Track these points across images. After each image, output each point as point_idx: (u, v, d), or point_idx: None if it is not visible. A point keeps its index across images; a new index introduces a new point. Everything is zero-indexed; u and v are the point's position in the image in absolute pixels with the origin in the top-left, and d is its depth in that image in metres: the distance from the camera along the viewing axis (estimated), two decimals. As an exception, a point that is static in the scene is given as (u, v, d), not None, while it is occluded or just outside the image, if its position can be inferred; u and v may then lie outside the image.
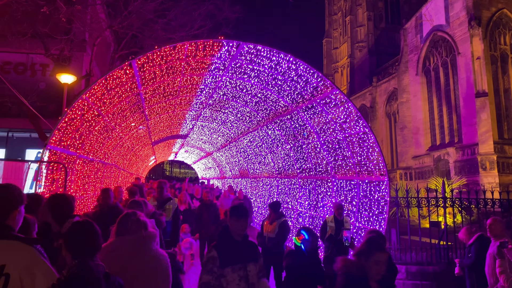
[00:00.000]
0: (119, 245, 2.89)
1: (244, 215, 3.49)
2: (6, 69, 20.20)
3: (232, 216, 3.51)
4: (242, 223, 3.47)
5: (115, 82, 8.18)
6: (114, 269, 2.46)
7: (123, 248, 2.88)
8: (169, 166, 62.52)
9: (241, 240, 3.50)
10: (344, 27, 62.82)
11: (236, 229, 3.47)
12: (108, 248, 2.80)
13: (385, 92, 46.13)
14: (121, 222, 3.00)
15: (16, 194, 2.22)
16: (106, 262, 2.43)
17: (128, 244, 2.91)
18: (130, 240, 2.93)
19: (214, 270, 3.28)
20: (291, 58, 8.17)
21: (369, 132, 8.30)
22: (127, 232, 2.93)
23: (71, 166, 8.79)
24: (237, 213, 3.51)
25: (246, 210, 3.57)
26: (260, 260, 3.54)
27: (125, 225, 2.96)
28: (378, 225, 8.24)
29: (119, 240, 2.94)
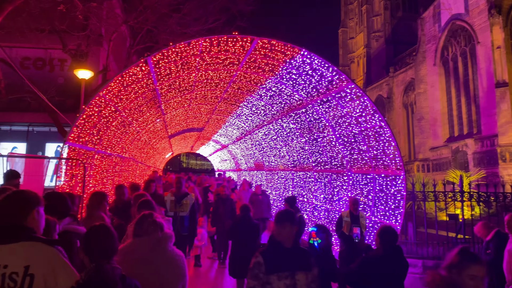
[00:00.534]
0: (136, 247, 2.96)
1: (287, 220, 3.30)
2: (25, 64, 20.58)
3: (276, 222, 3.34)
4: (286, 228, 3.27)
5: (131, 79, 8.29)
6: (131, 270, 2.53)
7: (140, 250, 2.95)
8: (185, 158, 62.99)
9: (291, 247, 3.29)
10: (360, 17, 61.93)
11: (281, 235, 3.28)
12: (125, 250, 2.87)
13: (402, 83, 45.46)
14: (138, 224, 3.07)
15: (31, 196, 2.29)
16: (123, 264, 2.51)
17: (144, 246, 2.97)
18: (146, 241, 2.99)
19: (259, 276, 3.15)
20: (306, 53, 8.12)
21: (385, 126, 8.22)
22: (144, 234, 3.00)
23: (90, 161, 8.97)
24: (280, 218, 3.33)
25: (292, 215, 3.39)
26: (314, 270, 3.30)
27: (142, 226, 3.03)
28: (394, 219, 8.20)
29: (136, 242, 3.01)
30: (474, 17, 31.23)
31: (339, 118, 9.61)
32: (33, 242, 2.14)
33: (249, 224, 6.68)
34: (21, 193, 2.29)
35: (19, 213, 2.19)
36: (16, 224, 2.16)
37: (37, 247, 2.13)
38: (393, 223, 8.18)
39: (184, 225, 6.95)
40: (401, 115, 45.96)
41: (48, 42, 16.04)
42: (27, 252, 2.10)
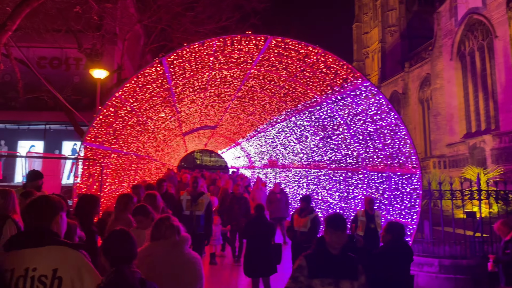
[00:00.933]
0: (154, 250, 3.01)
1: (342, 227, 3.19)
2: (42, 64, 20.94)
3: (329, 228, 3.19)
4: (339, 235, 3.15)
5: (146, 79, 8.37)
6: (149, 273, 2.57)
7: (157, 253, 2.99)
8: (199, 155, 63.33)
9: (338, 254, 3.17)
10: (374, 11, 61.22)
11: (332, 242, 3.16)
12: (143, 253, 2.91)
13: (417, 78, 44.86)
14: (156, 227, 3.11)
15: (56, 201, 2.35)
16: (141, 267, 2.55)
17: (162, 249, 3.01)
18: (164, 245, 3.03)
19: (300, 279, 3.07)
20: (320, 51, 8.07)
21: (401, 124, 8.14)
22: (162, 237, 3.04)
23: (106, 160, 9.09)
24: (334, 224, 3.19)
25: (344, 221, 3.29)
26: (361, 279, 3.14)
27: (160, 230, 3.07)
28: (410, 218, 8.13)
29: (153, 245, 3.05)
30: (492, 10, 30.59)
31: (354, 116, 9.55)
32: (60, 246, 2.20)
33: (263, 224, 6.69)
34: (46, 198, 2.35)
35: (45, 217, 2.25)
36: (43, 228, 2.21)
37: (64, 251, 2.20)
38: (409, 222, 8.12)
39: (200, 224, 7.00)
40: (417, 111, 45.37)
41: (64, 41, 16.27)
42: (54, 255, 2.16)
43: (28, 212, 2.28)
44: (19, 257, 2.13)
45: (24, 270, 2.09)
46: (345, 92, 9.01)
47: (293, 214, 7.44)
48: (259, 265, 6.48)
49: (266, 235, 6.64)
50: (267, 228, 6.71)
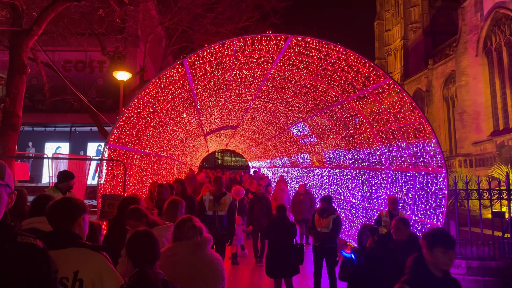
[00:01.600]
0: (176, 251, 3.02)
1: (453, 245, 2.78)
2: (67, 67, 21.46)
3: (437, 246, 2.74)
4: (449, 256, 2.75)
5: (168, 81, 8.45)
6: (172, 273, 2.57)
7: (180, 254, 3.00)
8: (220, 155, 63.66)
9: (442, 277, 2.77)
10: (396, 8, 60.18)
11: (439, 263, 2.74)
12: (166, 253, 2.93)
13: (442, 75, 43.84)
14: (178, 228, 3.12)
15: (78, 204, 2.37)
16: (164, 267, 2.56)
17: (184, 250, 3.02)
18: (186, 245, 3.04)
19: None
20: (341, 49, 7.99)
21: (425, 122, 7.98)
22: (184, 238, 3.05)
23: (130, 161, 9.22)
24: (445, 242, 2.76)
25: (451, 241, 2.83)
26: None
27: (182, 230, 3.08)
28: (435, 218, 7.95)
29: (176, 246, 3.07)
30: (520, 4, 29.67)
31: (376, 114, 9.41)
32: (81, 248, 2.22)
33: (285, 225, 6.66)
34: (68, 201, 2.37)
35: (67, 219, 2.27)
36: (65, 230, 2.24)
37: (85, 253, 2.21)
38: (434, 222, 7.94)
39: (223, 224, 7.01)
40: (441, 109, 44.37)
41: (88, 45, 16.63)
42: (75, 257, 2.17)
43: (50, 215, 2.30)
44: None
45: None
46: (367, 90, 8.89)
47: (314, 215, 7.38)
48: (281, 266, 6.45)
49: (288, 235, 6.60)
50: (289, 229, 6.67)
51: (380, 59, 61.80)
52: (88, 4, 9.44)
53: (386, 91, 8.50)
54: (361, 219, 10.60)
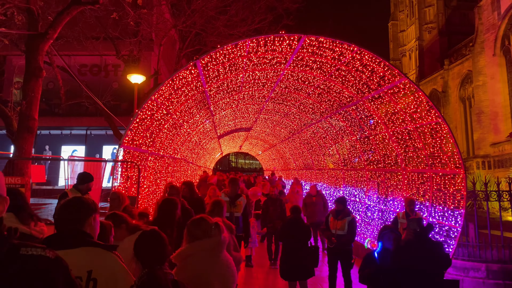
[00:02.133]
0: (197, 249, 2.95)
1: None
2: (82, 71, 21.78)
3: None
4: None
5: (181, 82, 8.46)
6: (191, 272, 2.52)
7: (201, 253, 2.93)
8: (234, 157, 63.82)
9: None
10: (411, 8, 59.58)
11: None
12: (185, 253, 2.87)
13: (458, 75, 43.18)
14: (198, 226, 3.06)
15: (90, 203, 2.36)
16: (182, 267, 2.51)
17: (207, 248, 2.96)
18: (209, 243, 2.97)
19: None
20: (355, 48, 7.88)
21: (442, 122, 7.81)
22: (206, 236, 2.96)
23: (144, 163, 9.24)
24: None
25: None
26: None
27: (203, 228, 3.00)
28: (454, 220, 7.77)
29: (196, 245, 2.97)
30: (539, 1, 29.05)
31: (392, 114, 9.27)
32: (94, 248, 2.20)
33: (299, 227, 6.58)
34: (79, 200, 2.36)
35: (77, 218, 2.26)
36: (76, 229, 2.23)
37: (97, 252, 2.19)
38: (453, 224, 7.77)
39: (239, 225, 7.00)
40: (458, 110, 43.68)
41: (103, 49, 16.82)
42: (88, 257, 2.16)
43: (62, 214, 2.29)
44: None
45: None
46: (383, 90, 8.75)
47: (328, 216, 7.29)
48: (296, 268, 6.37)
49: (303, 237, 6.52)
50: (303, 231, 6.59)
51: (395, 60, 61.21)
52: (102, 8, 9.54)
53: (402, 90, 8.35)
54: (377, 222, 10.43)
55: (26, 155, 8.45)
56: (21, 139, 8.41)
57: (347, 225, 6.79)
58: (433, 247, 4.50)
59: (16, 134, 8.64)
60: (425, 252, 4.35)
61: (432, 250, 4.43)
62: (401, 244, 4.46)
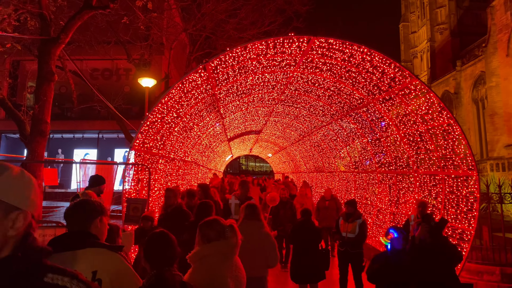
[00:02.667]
0: (213, 251, 2.89)
1: None
2: (94, 75, 22.01)
3: None
4: None
5: (191, 85, 8.49)
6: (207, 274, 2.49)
7: (217, 255, 2.89)
8: (244, 160, 63.85)
9: None
10: (422, 9, 59.10)
11: None
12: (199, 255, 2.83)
13: (471, 77, 42.65)
14: (211, 227, 3.02)
15: (95, 205, 2.37)
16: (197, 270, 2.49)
17: (223, 250, 2.93)
18: (225, 245, 2.93)
19: None
20: (365, 50, 7.84)
21: (454, 124, 7.72)
22: (222, 237, 2.92)
23: (154, 165, 9.29)
24: None
25: None
26: None
27: (217, 229, 2.95)
28: (467, 223, 7.65)
29: (211, 246, 2.91)
30: (553, 1, 28.57)
31: (403, 116, 9.18)
32: (99, 249, 2.20)
33: (310, 229, 6.54)
34: (87, 202, 2.37)
35: (83, 220, 2.27)
36: (83, 231, 2.24)
37: (102, 254, 2.20)
38: (466, 227, 7.65)
39: None
40: (471, 111, 43.12)
41: (114, 53, 16.99)
42: (93, 258, 2.16)
43: (69, 215, 2.30)
44: (60, 260, 2.15)
45: None
46: (393, 92, 8.68)
47: (338, 219, 7.25)
48: (306, 271, 6.32)
49: (313, 240, 6.48)
50: (314, 233, 6.55)
51: (406, 62, 60.74)
52: (113, 12, 9.66)
53: (413, 92, 8.27)
54: (389, 225, 10.32)
55: (38, 159, 8.55)
56: (34, 143, 8.51)
57: (357, 228, 6.74)
58: (446, 241, 4.43)
59: (29, 138, 8.75)
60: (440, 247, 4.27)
61: (446, 245, 4.34)
62: (416, 241, 4.38)
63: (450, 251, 4.21)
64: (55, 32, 9.25)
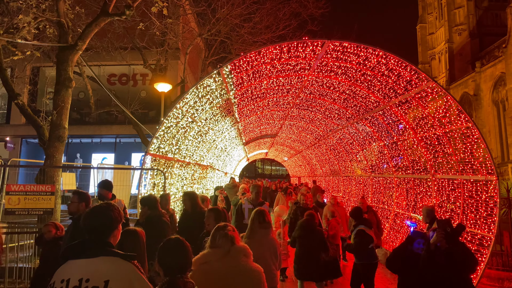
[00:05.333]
0: (209, 258, 2.99)
1: None
2: (111, 80, 22.34)
3: None
4: None
5: (205, 90, 8.54)
6: (203, 281, 2.52)
7: (211, 261, 2.97)
8: (261, 164, 63.87)
9: None
10: (440, 10, 58.33)
11: None
12: (199, 260, 2.90)
13: (490, 78, 41.84)
14: (212, 236, 3.11)
15: (116, 214, 2.37)
16: (196, 274, 2.52)
17: (216, 258, 2.99)
18: (217, 253, 3.01)
19: None
20: (381, 53, 7.75)
21: (472, 127, 7.56)
22: (216, 246, 3.02)
23: (170, 170, 9.36)
24: None
25: None
26: None
27: (215, 238, 3.06)
28: (487, 228, 7.47)
29: (209, 253, 3.04)
30: None
31: (420, 119, 9.04)
32: (112, 257, 2.21)
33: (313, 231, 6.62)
34: (106, 211, 2.36)
35: (104, 230, 2.29)
36: (100, 239, 2.25)
37: (116, 262, 2.20)
38: (486, 233, 7.46)
39: None
40: (491, 113, 42.26)
41: (131, 58, 17.23)
42: (107, 266, 2.16)
43: (87, 223, 2.31)
44: (74, 267, 2.16)
45: (78, 280, 2.10)
46: (410, 95, 8.56)
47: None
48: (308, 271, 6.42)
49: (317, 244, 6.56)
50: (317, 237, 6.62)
51: (424, 64, 59.97)
52: (129, 18, 9.80)
53: (430, 95, 8.14)
54: (406, 229, 10.15)
55: (56, 163, 8.70)
56: (52, 148, 8.67)
57: (353, 237, 6.64)
58: (463, 247, 4.29)
59: (47, 143, 8.92)
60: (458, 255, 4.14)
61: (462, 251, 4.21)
62: (431, 247, 4.23)
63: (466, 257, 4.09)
64: (73, 39, 9.42)
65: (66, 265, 2.20)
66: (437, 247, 4.06)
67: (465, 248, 4.28)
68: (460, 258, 3.96)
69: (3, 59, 10.45)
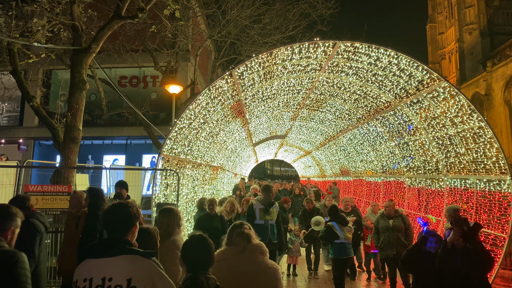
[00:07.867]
0: (225, 256, 3.06)
1: None
2: (122, 83, 22.54)
3: None
4: None
5: (217, 91, 8.62)
6: (219, 278, 2.58)
7: (228, 259, 3.04)
8: (270, 165, 63.88)
9: None
10: (450, 10, 57.89)
11: None
12: (216, 257, 2.95)
13: (502, 77, 41.41)
14: (228, 233, 3.20)
15: (134, 212, 2.42)
16: (213, 270, 2.57)
17: (232, 255, 3.06)
18: (233, 251, 3.08)
19: None
20: (392, 53, 7.76)
21: (485, 127, 7.53)
22: (232, 243, 3.10)
23: (182, 170, 9.44)
24: None
25: None
26: None
27: (230, 236, 3.14)
28: (500, 228, 7.43)
29: (225, 251, 3.11)
30: None
31: (432, 119, 9.02)
32: (132, 255, 2.25)
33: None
34: (124, 209, 2.41)
35: (122, 229, 2.34)
36: (119, 238, 2.31)
37: (137, 260, 2.24)
38: (500, 234, 7.42)
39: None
40: (503, 113, 41.82)
41: (142, 60, 17.39)
42: (128, 265, 2.21)
43: (107, 222, 2.37)
44: (97, 266, 2.22)
45: (101, 279, 2.16)
46: (422, 95, 8.55)
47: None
48: None
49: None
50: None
51: (434, 63, 59.54)
52: (141, 21, 9.92)
53: (442, 94, 8.13)
54: (418, 230, 10.12)
55: (71, 164, 8.84)
56: (67, 149, 8.81)
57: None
58: (480, 246, 4.26)
59: (62, 144, 9.06)
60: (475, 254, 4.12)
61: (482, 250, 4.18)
62: (448, 246, 4.20)
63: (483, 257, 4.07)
64: (86, 42, 9.56)
65: (86, 263, 2.25)
66: (453, 246, 4.06)
67: (482, 247, 4.28)
68: (477, 257, 3.96)
69: (18, 62, 10.64)
